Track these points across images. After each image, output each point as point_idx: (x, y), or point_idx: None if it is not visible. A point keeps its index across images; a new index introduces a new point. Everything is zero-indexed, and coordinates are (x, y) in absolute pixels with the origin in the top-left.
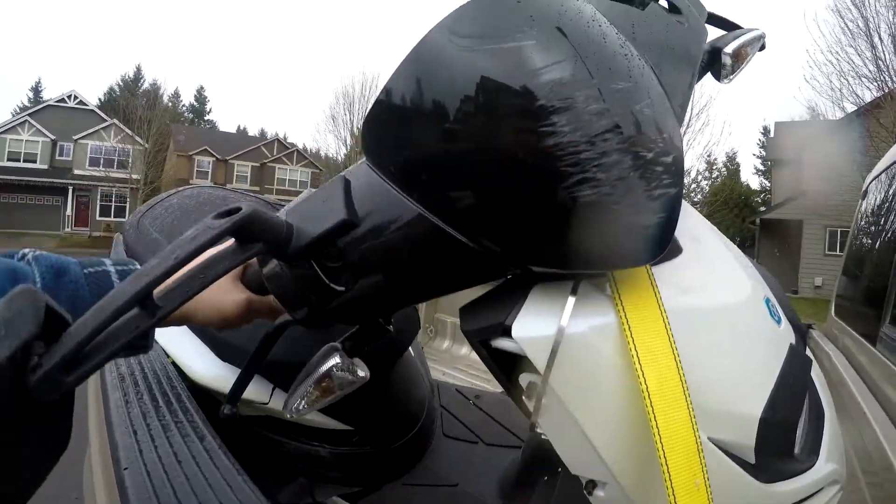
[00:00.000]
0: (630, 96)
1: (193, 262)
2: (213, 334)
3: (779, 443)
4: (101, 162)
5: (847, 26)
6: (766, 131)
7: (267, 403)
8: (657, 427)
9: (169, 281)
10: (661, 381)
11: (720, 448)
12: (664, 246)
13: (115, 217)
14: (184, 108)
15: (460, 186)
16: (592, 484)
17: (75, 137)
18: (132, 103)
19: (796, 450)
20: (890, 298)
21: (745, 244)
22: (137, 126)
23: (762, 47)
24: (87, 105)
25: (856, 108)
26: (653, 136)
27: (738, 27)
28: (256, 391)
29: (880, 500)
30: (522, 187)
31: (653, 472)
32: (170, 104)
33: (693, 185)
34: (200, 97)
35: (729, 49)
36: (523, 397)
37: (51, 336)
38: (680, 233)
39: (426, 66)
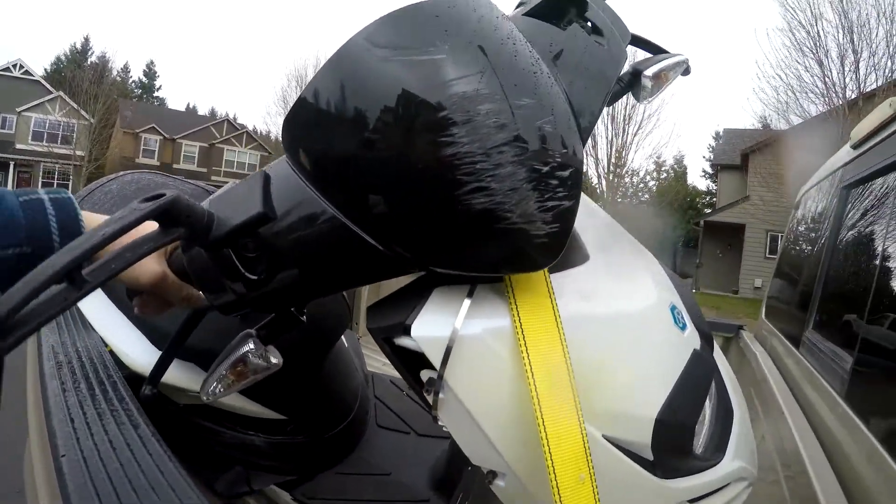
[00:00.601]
0: (532, 113)
1: (119, 242)
2: (149, 323)
3: (676, 442)
4: (45, 136)
5: (797, 44)
6: (717, 136)
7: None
8: (543, 425)
9: (96, 258)
10: (550, 383)
11: (616, 445)
12: (555, 255)
13: None
14: (133, 84)
15: (368, 190)
16: (493, 474)
17: (18, 109)
18: (79, 76)
19: (700, 448)
20: (813, 306)
21: (689, 244)
22: (84, 100)
23: (686, 72)
24: (32, 75)
25: (801, 120)
26: (550, 151)
27: (662, 51)
28: (191, 380)
29: (797, 496)
30: (423, 193)
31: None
32: (118, 78)
33: (641, 185)
34: (150, 72)
35: (649, 73)
36: (424, 391)
37: None
38: (589, 242)
39: (345, 73)
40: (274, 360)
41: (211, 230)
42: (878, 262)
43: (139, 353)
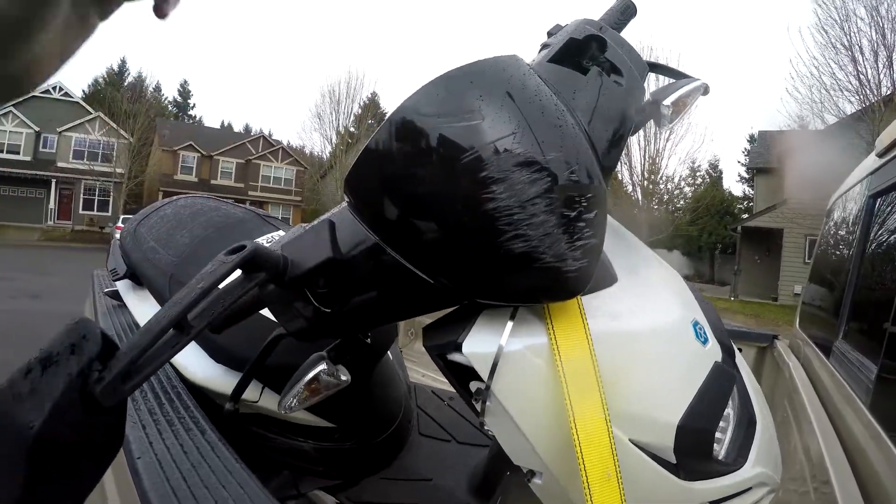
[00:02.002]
0: (560, 164)
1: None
2: (208, 338)
3: (698, 446)
4: (85, 155)
5: (830, 42)
6: (752, 139)
7: (257, 402)
8: (576, 428)
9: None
10: (581, 392)
11: (641, 449)
12: (585, 284)
13: (98, 211)
14: (167, 103)
15: (422, 236)
16: (531, 473)
17: (59, 129)
18: (117, 96)
19: (722, 454)
20: (842, 315)
21: (727, 251)
22: (122, 119)
23: (705, 92)
24: (71, 97)
25: (837, 119)
26: (577, 198)
27: (682, 75)
28: (248, 391)
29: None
30: (469, 239)
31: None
32: (153, 99)
33: (676, 191)
34: (184, 91)
35: (667, 102)
36: (473, 400)
37: (105, 356)
38: (618, 265)
39: (399, 136)
40: (343, 378)
41: (286, 272)
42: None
43: (198, 366)
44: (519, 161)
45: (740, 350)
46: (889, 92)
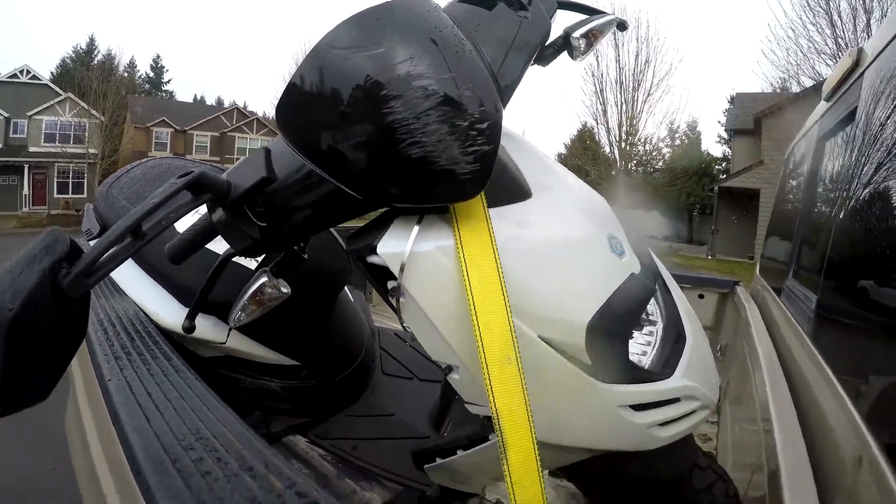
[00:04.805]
0: (452, 83)
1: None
2: (177, 283)
3: (611, 349)
4: (57, 137)
5: (808, 4)
6: (731, 101)
7: (224, 343)
8: (476, 314)
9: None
10: (482, 285)
11: (552, 346)
12: (481, 186)
13: (73, 194)
14: (140, 80)
15: (338, 152)
16: (449, 368)
17: (29, 114)
18: (86, 76)
19: (647, 363)
20: (793, 254)
21: (705, 212)
22: (93, 99)
23: (622, 27)
24: (40, 79)
25: (814, 83)
26: (469, 111)
27: (594, 11)
28: (214, 332)
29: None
30: (376, 149)
31: None
32: (125, 75)
33: (654, 153)
34: (157, 67)
35: (577, 34)
36: (389, 297)
37: (72, 257)
38: (533, 183)
39: (316, 69)
40: (284, 290)
41: (230, 194)
42: (847, 205)
43: (166, 311)
44: (414, 79)
45: (701, 297)
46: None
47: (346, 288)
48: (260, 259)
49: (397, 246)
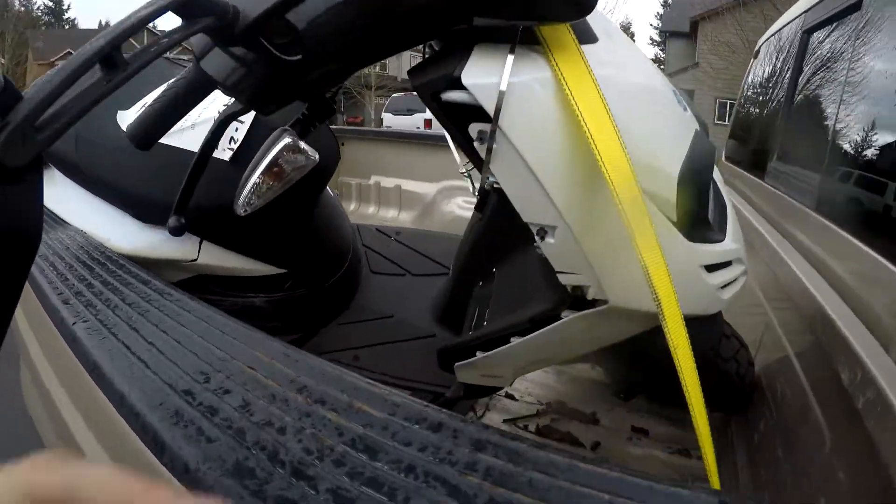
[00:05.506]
0: None
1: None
2: (130, 193)
3: (694, 206)
4: None
5: None
6: (666, 4)
7: (196, 260)
8: (599, 154)
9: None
10: (599, 130)
11: (649, 198)
12: (583, 10)
13: None
14: (39, 12)
15: None
16: (543, 231)
17: None
18: None
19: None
20: (776, 141)
21: None
22: None
23: None
24: None
25: None
26: None
27: None
28: (183, 250)
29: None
30: None
31: (596, 217)
32: (21, 9)
33: None
34: None
35: None
36: (475, 144)
37: (6, 106)
38: (597, 28)
39: None
40: (312, 155)
41: (238, 21)
42: (837, 90)
43: (121, 232)
44: None
45: None
46: None
47: None
48: (235, 147)
49: (488, 75)
